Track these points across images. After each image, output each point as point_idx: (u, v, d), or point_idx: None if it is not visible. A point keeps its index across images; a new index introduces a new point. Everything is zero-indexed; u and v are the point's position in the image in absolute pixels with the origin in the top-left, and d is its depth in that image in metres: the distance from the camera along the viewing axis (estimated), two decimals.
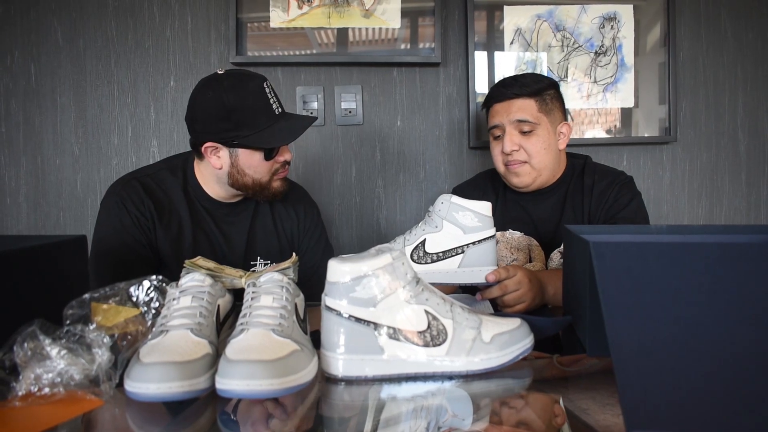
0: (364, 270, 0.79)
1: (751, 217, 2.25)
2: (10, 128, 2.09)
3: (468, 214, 1.16)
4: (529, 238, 1.53)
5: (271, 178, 1.45)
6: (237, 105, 1.34)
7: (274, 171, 1.45)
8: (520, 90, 1.53)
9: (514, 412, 0.72)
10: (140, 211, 1.40)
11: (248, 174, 1.42)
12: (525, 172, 1.55)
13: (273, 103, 1.40)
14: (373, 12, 2.08)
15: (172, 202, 1.46)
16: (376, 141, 2.18)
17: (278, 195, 1.50)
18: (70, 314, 0.79)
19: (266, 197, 1.49)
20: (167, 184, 1.47)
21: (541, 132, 1.53)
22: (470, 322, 0.82)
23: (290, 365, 0.71)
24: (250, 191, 1.46)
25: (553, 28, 2.13)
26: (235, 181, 1.43)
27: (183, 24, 2.10)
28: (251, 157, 1.40)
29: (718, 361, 0.61)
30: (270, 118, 1.38)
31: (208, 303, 0.84)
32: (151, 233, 1.42)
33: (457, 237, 1.15)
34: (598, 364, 0.89)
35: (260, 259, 1.56)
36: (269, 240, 1.58)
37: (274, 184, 1.47)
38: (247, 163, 1.40)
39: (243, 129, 1.35)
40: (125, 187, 1.43)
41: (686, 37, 2.20)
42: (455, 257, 1.15)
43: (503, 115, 1.55)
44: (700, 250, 0.64)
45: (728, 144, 2.23)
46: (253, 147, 1.38)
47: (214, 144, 1.38)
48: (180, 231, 1.45)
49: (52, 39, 2.08)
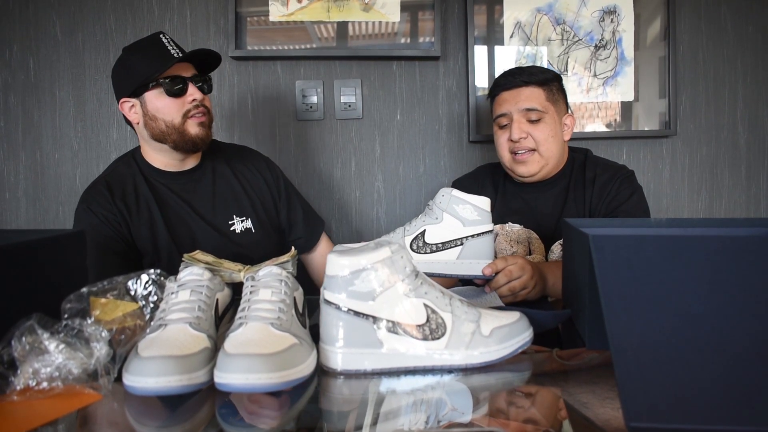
0: (363, 263, 0.79)
1: (751, 211, 2.25)
2: (8, 122, 2.08)
3: (468, 207, 1.17)
4: (528, 231, 1.53)
5: (184, 121, 1.47)
6: (133, 57, 1.47)
7: (185, 112, 1.47)
8: (528, 78, 1.54)
9: (514, 406, 0.72)
10: (107, 209, 1.46)
11: (159, 118, 1.47)
12: (533, 161, 1.55)
13: (170, 49, 1.46)
14: (372, 5, 2.07)
15: (137, 189, 1.52)
16: (376, 135, 2.17)
17: (199, 141, 1.50)
18: (69, 308, 0.79)
19: (188, 144, 1.50)
20: (125, 176, 1.53)
21: (549, 120, 1.53)
22: (469, 316, 0.82)
23: (289, 359, 0.71)
24: (169, 140, 1.48)
25: (553, 21, 2.13)
26: (152, 130, 1.48)
27: (182, 18, 2.09)
28: (157, 98, 1.46)
29: (718, 353, 0.61)
30: (166, 59, 1.44)
31: (207, 297, 0.84)
32: (122, 227, 1.47)
33: (457, 229, 1.16)
34: (597, 357, 0.88)
35: (236, 217, 1.60)
36: (240, 200, 1.62)
37: (191, 128, 1.48)
38: (154, 106, 1.46)
39: (140, 72, 1.44)
40: (89, 192, 1.50)
41: (686, 31, 2.19)
42: (454, 249, 1.16)
43: (511, 103, 1.55)
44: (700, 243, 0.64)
45: (728, 137, 2.23)
46: (149, 83, 1.44)
47: (127, 99, 1.48)
48: (150, 215, 1.50)
49: (50, 33, 2.07)
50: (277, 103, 2.14)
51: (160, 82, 1.44)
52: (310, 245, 1.73)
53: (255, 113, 2.14)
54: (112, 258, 1.44)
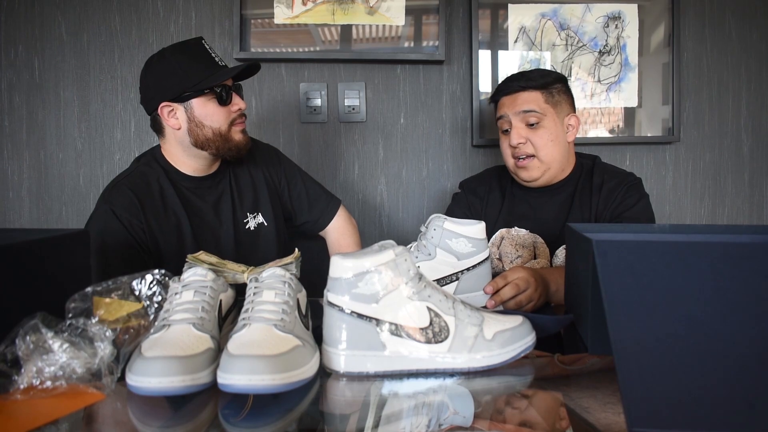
0: (367, 266, 0.79)
1: (753, 218, 2.25)
2: (13, 122, 2.09)
3: (462, 241, 1.13)
4: (533, 236, 1.53)
5: (230, 127, 1.49)
6: (181, 60, 1.43)
7: (231, 120, 1.48)
8: (526, 83, 1.55)
9: (515, 410, 0.72)
10: (132, 214, 1.42)
11: (207, 125, 1.46)
12: (533, 166, 1.55)
13: (215, 56, 1.47)
14: (377, 9, 2.07)
15: (164, 194, 1.49)
16: (379, 138, 2.18)
17: (242, 148, 1.53)
18: (73, 308, 0.79)
19: (232, 151, 1.51)
20: (149, 176, 1.50)
21: (548, 124, 1.53)
22: (472, 319, 0.82)
23: (292, 360, 0.72)
24: (213, 147, 1.48)
25: (557, 26, 2.13)
26: (197, 137, 1.47)
27: (187, 20, 2.10)
28: (205, 106, 1.45)
29: (720, 359, 0.61)
30: (212, 67, 1.45)
31: (211, 298, 0.84)
32: (146, 234, 1.43)
33: (452, 264, 1.13)
34: (598, 362, 0.88)
35: (249, 214, 1.61)
36: (251, 196, 1.63)
37: (235, 135, 1.50)
38: (203, 113, 1.45)
39: (191, 79, 1.42)
40: (114, 194, 1.45)
41: (690, 37, 2.19)
42: (450, 284, 1.14)
43: (509, 107, 1.56)
44: (703, 249, 0.64)
45: (731, 144, 2.23)
46: (203, 89, 1.43)
47: (168, 104, 1.45)
48: (177, 220, 1.49)
49: (55, 33, 2.08)
50: (281, 106, 2.14)
51: (212, 90, 1.44)
52: (318, 227, 1.76)
53: (259, 115, 2.14)
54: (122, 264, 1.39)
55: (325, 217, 1.75)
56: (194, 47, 1.45)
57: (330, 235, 1.77)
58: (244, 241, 1.57)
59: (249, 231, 1.59)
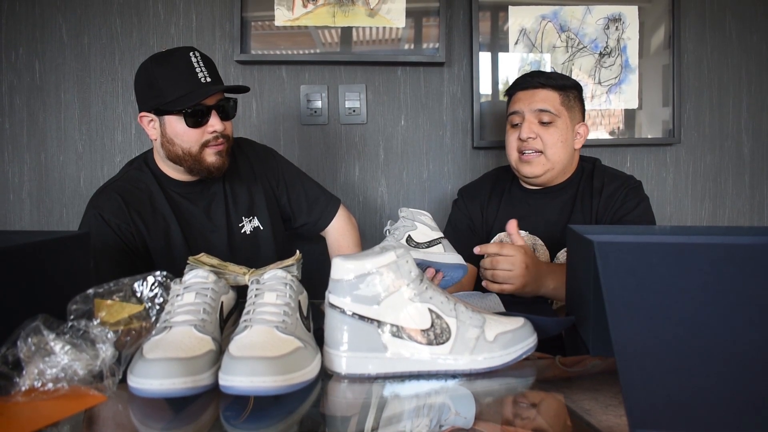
0: (368, 268, 0.79)
1: (754, 219, 2.25)
2: (14, 124, 2.09)
3: (425, 217, 1.25)
4: (533, 238, 1.53)
5: (201, 150, 1.44)
6: (160, 74, 1.39)
7: (203, 142, 1.43)
8: (546, 81, 1.56)
9: (516, 412, 0.72)
10: (121, 218, 1.42)
11: (176, 143, 1.43)
12: (538, 162, 1.55)
13: (199, 72, 1.41)
14: (377, 11, 2.08)
15: (153, 199, 1.48)
16: (380, 140, 2.18)
17: (214, 171, 1.47)
18: (74, 309, 0.79)
19: (203, 173, 1.47)
20: (139, 182, 1.50)
21: (561, 125, 1.54)
22: (474, 321, 0.82)
23: (293, 362, 0.71)
24: (185, 164, 1.45)
25: (557, 28, 2.13)
26: (168, 152, 1.45)
27: (188, 22, 2.10)
28: (176, 124, 1.41)
29: (722, 361, 0.61)
30: (191, 84, 1.39)
31: (212, 299, 0.84)
32: (135, 238, 1.43)
33: (431, 232, 1.24)
34: (600, 364, 0.88)
35: (245, 219, 1.59)
36: (246, 200, 1.61)
37: (208, 158, 1.45)
38: (173, 131, 1.42)
39: (165, 95, 1.39)
40: (101, 198, 1.45)
41: (691, 39, 2.19)
42: (439, 245, 1.23)
43: (525, 102, 1.56)
44: (705, 251, 0.64)
45: (732, 146, 2.23)
46: (171, 110, 1.40)
47: (146, 113, 1.44)
48: (166, 225, 1.48)
49: (56, 35, 2.08)
50: (282, 108, 2.15)
51: (182, 111, 1.39)
52: (318, 228, 1.75)
53: (259, 117, 2.14)
54: (112, 268, 1.40)
55: (324, 218, 1.73)
56: (178, 60, 1.40)
57: (330, 236, 1.76)
58: (240, 245, 1.56)
59: (245, 235, 1.58)
